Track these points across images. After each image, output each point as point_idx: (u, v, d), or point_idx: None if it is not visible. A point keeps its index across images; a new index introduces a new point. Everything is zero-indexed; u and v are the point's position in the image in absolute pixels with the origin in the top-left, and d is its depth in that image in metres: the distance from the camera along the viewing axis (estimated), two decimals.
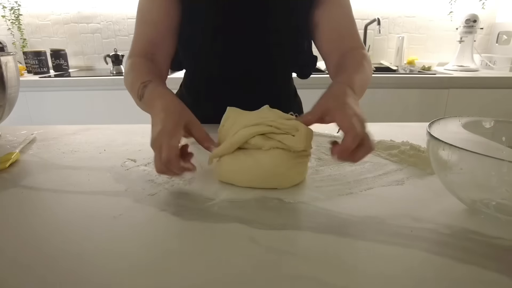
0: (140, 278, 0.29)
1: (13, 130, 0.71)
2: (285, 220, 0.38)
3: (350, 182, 0.47)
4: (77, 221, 0.38)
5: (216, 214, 0.39)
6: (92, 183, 0.47)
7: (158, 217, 0.38)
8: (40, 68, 1.88)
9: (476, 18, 1.91)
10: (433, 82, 1.71)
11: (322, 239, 0.35)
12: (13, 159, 0.54)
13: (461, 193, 0.39)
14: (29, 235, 0.35)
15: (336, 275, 0.29)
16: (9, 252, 0.33)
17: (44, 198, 0.44)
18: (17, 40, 2.08)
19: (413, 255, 0.32)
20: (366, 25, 2.11)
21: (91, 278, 0.29)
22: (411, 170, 0.51)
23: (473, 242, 0.34)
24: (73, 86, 1.70)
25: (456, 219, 0.38)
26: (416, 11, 2.14)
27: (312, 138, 0.47)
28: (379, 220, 0.38)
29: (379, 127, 0.74)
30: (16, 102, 0.68)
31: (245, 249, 0.33)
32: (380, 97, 1.72)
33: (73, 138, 0.67)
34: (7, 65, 0.63)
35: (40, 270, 0.30)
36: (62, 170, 0.52)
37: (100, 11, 2.09)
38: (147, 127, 0.74)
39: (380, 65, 2.14)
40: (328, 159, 0.55)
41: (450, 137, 0.39)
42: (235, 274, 0.29)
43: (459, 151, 0.34)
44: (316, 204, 0.41)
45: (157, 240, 0.34)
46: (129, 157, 0.56)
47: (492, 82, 1.73)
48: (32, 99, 1.69)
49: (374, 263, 0.31)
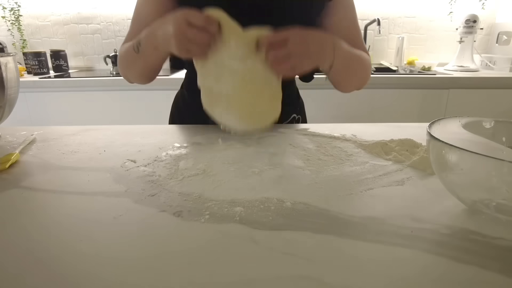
0: (140, 279, 0.29)
1: (13, 131, 0.71)
2: (285, 221, 0.38)
3: (350, 183, 0.47)
4: (77, 222, 0.38)
5: (216, 215, 0.39)
6: (92, 184, 0.47)
7: (158, 218, 0.38)
8: (40, 69, 1.89)
9: (476, 18, 1.91)
10: (433, 83, 1.71)
11: (322, 239, 0.34)
12: (13, 160, 0.54)
13: (462, 194, 0.39)
14: (29, 235, 0.35)
15: (336, 276, 0.29)
16: (9, 253, 0.33)
17: (44, 199, 0.44)
18: (17, 41, 2.09)
19: (413, 256, 0.32)
20: (366, 25, 2.11)
21: (91, 278, 0.29)
22: (411, 171, 0.51)
23: (473, 243, 0.34)
24: (73, 86, 1.70)
25: (456, 220, 0.38)
26: (416, 11, 2.14)
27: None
28: (379, 221, 0.38)
29: (379, 127, 0.74)
30: (16, 103, 0.68)
31: (245, 250, 0.33)
32: (380, 98, 1.72)
33: (73, 139, 0.67)
34: (7, 66, 0.63)
35: (39, 271, 0.30)
36: (62, 170, 0.52)
37: (100, 12, 2.09)
38: (147, 128, 0.75)
39: (380, 66, 2.14)
40: (328, 159, 0.55)
41: (450, 137, 0.39)
42: (235, 275, 0.29)
43: (460, 152, 0.34)
44: (316, 205, 0.41)
45: (157, 241, 0.34)
46: (129, 158, 0.56)
47: (492, 83, 1.73)
48: (32, 100, 1.70)
49: (374, 264, 0.31)
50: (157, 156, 0.56)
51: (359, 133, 0.69)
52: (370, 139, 0.64)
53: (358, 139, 0.65)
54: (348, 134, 0.68)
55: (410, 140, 0.59)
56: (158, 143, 0.63)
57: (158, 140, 0.65)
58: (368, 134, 0.68)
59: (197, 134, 0.69)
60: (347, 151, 0.59)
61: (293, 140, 0.65)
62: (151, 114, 1.68)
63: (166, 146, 0.61)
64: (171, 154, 0.57)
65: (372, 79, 1.84)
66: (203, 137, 0.67)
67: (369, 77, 0.72)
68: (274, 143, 0.64)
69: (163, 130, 0.72)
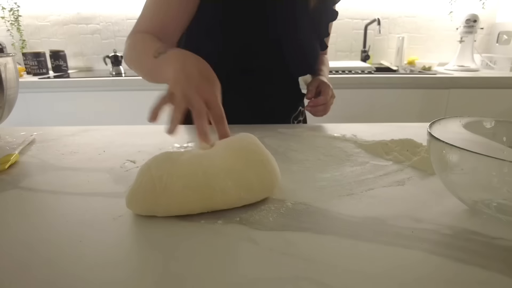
0: (140, 279, 0.29)
1: (12, 132, 0.71)
2: (286, 221, 0.38)
3: (350, 183, 0.47)
4: (76, 222, 0.38)
5: (216, 215, 0.39)
6: (91, 184, 0.47)
7: (158, 218, 0.38)
8: (39, 69, 1.89)
9: (476, 18, 1.91)
10: (434, 82, 1.71)
11: (322, 240, 0.34)
12: (12, 160, 0.54)
13: (462, 194, 0.38)
14: (28, 236, 0.35)
15: (336, 276, 0.29)
16: (8, 253, 0.32)
17: (43, 199, 0.43)
18: (16, 41, 2.08)
19: (414, 256, 0.32)
20: (366, 25, 2.11)
21: (90, 279, 0.29)
22: (412, 171, 0.51)
23: (474, 243, 0.34)
24: (73, 87, 1.70)
25: (457, 220, 0.38)
26: (416, 11, 2.14)
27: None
28: (379, 221, 0.38)
29: (379, 127, 0.74)
30: (15, 103, 0.68)
31: (245, 250, 0.33)
32: (381, 98, 1.72)
33: (72, 139, 0.66)
34: (6, 66, 0.62)
35: (39, 271, 0.30)
36: (61, 171, 0.52)
37: (99, 12, 2.09)
38: (147, 128, 0.74)
39: (380, 65, 2.14)
40: (328, 159, 0.55)
41: (451, 137, 0.39)
42: (235, 275, 0.29)
43: (460, 152, 0.34)
44: (316, 205, 0.41)
45: (157, 241, 0.34)
46: (129, 159, 0.56)
47: (492, 82, 1.72)
48: (32, 100, 1.69)
49: (375, 264, 0.31)
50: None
51: (359, 133, 0.69)
52: (370, 139, 0.63)
53: (358, 139, 0.65)
54: (348, 134, 0.68)
55: (410, 140, 0.59)
56: (158, 143, 0.63)
57: (157, 140, 0.65)
58: (368, 134, 0.68)
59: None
60: (347, 151, 0.59)
61: (293, 140, 0.65)
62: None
63: (166, 147, 0.61)
64: None
65: (372, 79, 1.84)
66: None
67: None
68: (274, 143, 0.64)
69: (162, 131, 0.72)
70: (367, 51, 2.14)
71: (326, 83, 0.81)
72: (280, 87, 0.82)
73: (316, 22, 0.79)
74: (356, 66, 1.86)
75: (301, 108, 0.90)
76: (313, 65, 0.84)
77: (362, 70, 1.83)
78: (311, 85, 0.81)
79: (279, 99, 0.83)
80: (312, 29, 0.78)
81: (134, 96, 1.69)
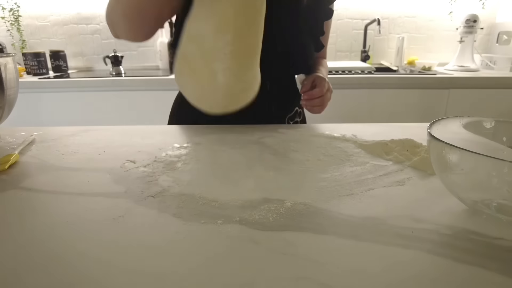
0: (140, 280, 0.29)
1: (12, 132, 0.71)
2: (286, 221, 0.38)
3: (350, 183, 0.47)
4: (76, 223, 0.38)
5: (216, 216, 0.39)
6: (91, 184, 0.47)
7: (158, 218, 0.38)
8: (39, 69, 1.89)
9: (476, 18, 1.91)
10: (434, 83, 1.71)
11: (322, 240, 0.34)
12: (12, 160, 0.54)
13: (462, 194, 0.38)
14: (28, 236, 0.35)
15: (336, 276, 0.29)
16: (8, 254, 0.32)
17: (43, 199, 0.43)
18: (16, 41, 2.08)
19: (414, 256, 0.32)
20: (366, 25, 2.11)
21: (90, 280, 0.29)
22: (412, 171, 0.51)
23: (474, 243, 0.34)
24: (73, 87, 1.70)
25: (457, 220, 0.38)
26: (416, 11, 2.14)
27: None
28: (379, 221, 0.38)
29: (379, 127, 0.74)
30: (15, 103, 0.68)
31: (245, 251, 0.33)
32: (381, 98, 1.72)
33: (72, 140, 0.66)
34: (6, 67, 0.62)
35: (38, 272, 0.30)
36: (61, 171, 0.52)
37: (99, 12, 2.09)
38: (147, 128, 0.74)
39: (380, 65, 2.15)
40: (328, 160, 0.55)
41: (451, 137, 0.39)
42: (235, 276, 0.29)
43: (460, 152, 0.34)
44: (316, 205, 0.41)
45: (157, 241, 0.34)
46: (129, 159, 0.56)
47: (492, 82, 1.72)
48: (32, 101, 1.69)
49: (375, 264, 0.31)
50: (156, 157, 0.56)
51: (359, 133, 0.69)
52: (370, 139, 0.63)
53: (358, 139, 0.65)
54: (348, 134, 0.68)
55: (410, 140, 0.59)
56: (158, 143, 0.63)
57: (157, 140, 0.65)
58: (368, 134, 0.68)
59: (197, 134, 0.69)
60: (347, 151, 0.59)
61: (293, 141, 0.65)
62: (151, 114, 1.67)
63: (166, 147, 0.61)
64: (170, 155, 0.57)
65: (372, 79, 1.84)
66: (203, 137, 0.67)
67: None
68: (274, 143, 0.64)
69: (162, 131, 0.72)
70: (367, 51, 2.14)
71: (322, 77, 0.79)
72: (273, 86, 0.80)
73: (309, 19, 0.78)
74: (356, 66, 1.86)
75: (298, 109, 0.89)
76: (307, 63, 0.83)
77: (362, 70, 1.83)
78: (307, 80, 0.79)
79: (273, 98, 0.82)
80: (306, 27, 0.78)
81: (134, 96, 1.69)
